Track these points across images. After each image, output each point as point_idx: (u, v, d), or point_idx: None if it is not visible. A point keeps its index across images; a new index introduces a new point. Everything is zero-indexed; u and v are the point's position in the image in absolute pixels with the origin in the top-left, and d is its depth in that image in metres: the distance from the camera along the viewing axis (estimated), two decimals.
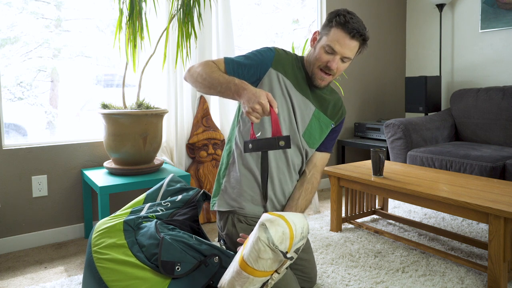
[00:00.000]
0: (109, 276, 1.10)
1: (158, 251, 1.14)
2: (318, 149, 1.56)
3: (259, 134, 1.39)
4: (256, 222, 1.40)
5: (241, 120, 1.48)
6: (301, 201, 1.48)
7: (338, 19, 1.38)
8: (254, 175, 1.42)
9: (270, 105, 1.17)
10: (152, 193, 1.49)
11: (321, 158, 1.57)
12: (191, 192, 1.48)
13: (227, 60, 1.41)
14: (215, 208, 1.46)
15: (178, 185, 1.51)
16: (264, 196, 1.23)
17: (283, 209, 1.48)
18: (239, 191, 1.42)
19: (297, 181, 1.54)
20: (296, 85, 1.47)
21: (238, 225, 1.42)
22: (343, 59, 1.41)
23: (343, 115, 1.60)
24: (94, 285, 1.13)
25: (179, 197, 1.45)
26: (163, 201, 1.44)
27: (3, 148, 2.24)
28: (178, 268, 1.13)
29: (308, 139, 1.48)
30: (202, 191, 1.50)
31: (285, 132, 1.44)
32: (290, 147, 1.20)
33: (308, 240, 1.58)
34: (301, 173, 1.55)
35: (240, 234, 1.30)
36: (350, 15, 1.40)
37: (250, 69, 1.41)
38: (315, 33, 1.49)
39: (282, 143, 1.17)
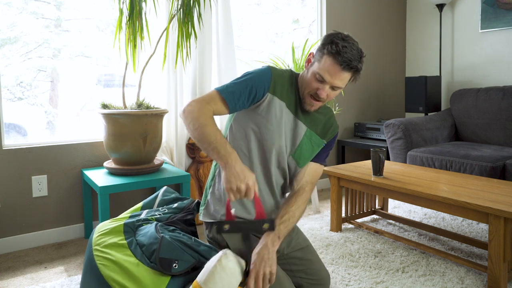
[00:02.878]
0: (108, 274, 1.16)
1: (157, 249, 1.17)
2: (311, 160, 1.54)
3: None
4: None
5: (229, 134, 1.46)
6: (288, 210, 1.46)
7: (330, 48, 1.33)
8: None
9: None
10: (148, 202, 1.55)
11: (311, 168, 1.52)
12: (185, 201, 1.54)
13: (225, 97, 1.33)
14: (201, 218, 1.47)
15: (173, 195, 1.59)
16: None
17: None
18: (221, 203, 1.42)
19: (283, 195, 1.53)
20: (289, 106, 1.45)
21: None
22: (333, 88, 1.40)
23: (335, 131, 1.57)
24: (94, 282, 1.18)
25: (175, 204, 1.51)
26: (160, 207, 1.48)
27: (3, 148, 2.24)
28: (175, 266, 1.16)
29: (298, 159, 1.47)
30: (196, 200, 1.53)
31: (274, 153, 1.41)
32: (274, 229, 1.17)
33: (307, 239, 1.57)
34: (291, 187, 1.52)
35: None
36: (344, 43, 1.33)
37: (250, 95, 1.38)
38: (310, 54, 1.46)
39: (266, 226, 1.12)
